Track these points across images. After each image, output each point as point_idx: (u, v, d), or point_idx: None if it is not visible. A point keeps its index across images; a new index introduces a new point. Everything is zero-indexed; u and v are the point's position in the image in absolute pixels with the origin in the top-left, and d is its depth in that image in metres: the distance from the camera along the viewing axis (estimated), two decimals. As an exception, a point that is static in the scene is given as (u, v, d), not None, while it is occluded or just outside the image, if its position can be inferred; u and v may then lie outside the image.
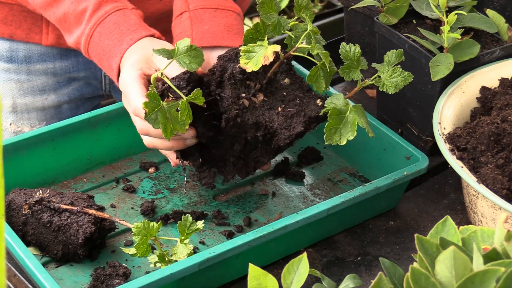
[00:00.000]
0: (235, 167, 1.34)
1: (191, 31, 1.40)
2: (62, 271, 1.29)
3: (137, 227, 1.23)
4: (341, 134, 1.25)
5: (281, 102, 1.29)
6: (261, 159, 1.34)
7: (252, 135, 1.29)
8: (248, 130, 1.28)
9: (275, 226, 1.24)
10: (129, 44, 1.36)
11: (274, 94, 1.30)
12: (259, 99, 1.28)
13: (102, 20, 1.40)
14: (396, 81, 1.29)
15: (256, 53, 1.24)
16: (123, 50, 1.36)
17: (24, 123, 1.69)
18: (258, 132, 1.28)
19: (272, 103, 1.29)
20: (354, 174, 1.49)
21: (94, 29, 1.40)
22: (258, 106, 1.28)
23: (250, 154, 1.34)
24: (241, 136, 1.30)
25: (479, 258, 0.80)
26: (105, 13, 1.40)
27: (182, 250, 1.24)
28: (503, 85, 1.41)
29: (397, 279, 0.90)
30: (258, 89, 1.29)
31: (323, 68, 1.29)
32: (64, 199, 1.30)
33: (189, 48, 1.24)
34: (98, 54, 1.41)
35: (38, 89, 1.67)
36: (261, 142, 1.31)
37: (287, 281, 0.87)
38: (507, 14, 1.54)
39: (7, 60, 1.64)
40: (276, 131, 1.27)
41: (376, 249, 1.34)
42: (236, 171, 1.35)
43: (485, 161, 1.25)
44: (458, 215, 1.40)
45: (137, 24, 1.39)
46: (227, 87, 1.27)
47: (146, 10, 1.57)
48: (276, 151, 1.34)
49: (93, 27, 1.40)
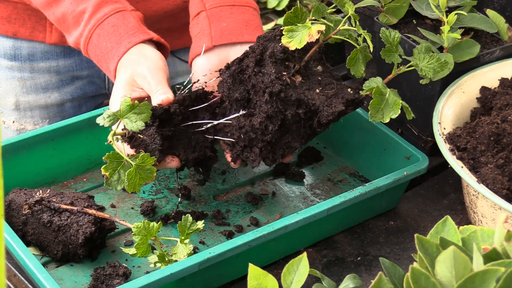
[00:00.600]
0: (261, 153, 1.32)
1: (210, 29, 1.40)
2: (62, 271, 1.29)
3: (137, 227, 1.23)
4: (383, 113, 1.29)
5: (318, 84, 1.30)
6: (292, 144, 1.32)
7: (293, 112, 1.27)
8: (289, 107, 1.28)
9: (275, 226, 1.24)
10: (126, 48, 1.37)
11: (310, 78, 1.31)
12: (298, 80, 1.29)
13: (101, 22, 1.40)
14: (433, 67, 1.31)
15: (300, 32, 1.26)
16: (121, 53, 1.37)
17: (27, 121, 1.69)
18: (300, 109, 1.28)
19: (310, 85, 1.30)
20: (354, 174, 1.49)
21: (93, 31, 1.41)
22: (298, 86, 1.29)
23: (282, 138, 1.31)
24: (279, 116, 1.28)
25: (479, 258, 0.80)
26: (104, 15, 1.40)
27: (182, 250, 1.24)
28: (503, 85, 1.41)
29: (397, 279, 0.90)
30: (297, 70, 1.29)
31: (362, 51, 1.31)
32: (64, 199, 1.30)
33: (132, 106, 1.24)
34: (97, 56, 1.41)
35: (41, 87, 1.67)
36: (300, 122, 1.29)
37: (287, 281, 0.87)
38: (507, 14, 1.54)
39: (10, 58, 1.65)
40: (318, 108, 1.27)
41: (376, 249, 1.34)
42: (262, 157, 1.33)
43: (485, 161, 1.25)
44: (458, 215, 1.40)
45: (136, 27, 1.40)
46: (269, 64, 1.28)
47: (150, 8, 1.57)
48: (309, 136, 1.32)
49: (91, 29, 1.41)
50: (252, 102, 1.30)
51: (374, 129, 1.46)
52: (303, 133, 1.31)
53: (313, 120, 1.29)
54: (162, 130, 1.29)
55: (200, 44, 1.40)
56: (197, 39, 1.42)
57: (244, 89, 1.30)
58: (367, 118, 1.46)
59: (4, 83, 1.67)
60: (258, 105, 1.29)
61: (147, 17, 1.58)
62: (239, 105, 1.31)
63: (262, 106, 1.28)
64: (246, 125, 1.30)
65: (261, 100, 1.28)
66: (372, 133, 1.46)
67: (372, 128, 1.46)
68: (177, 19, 1.66)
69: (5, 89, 1.67)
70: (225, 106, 1.33)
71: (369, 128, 1.47)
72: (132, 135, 1.27)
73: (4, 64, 1.66)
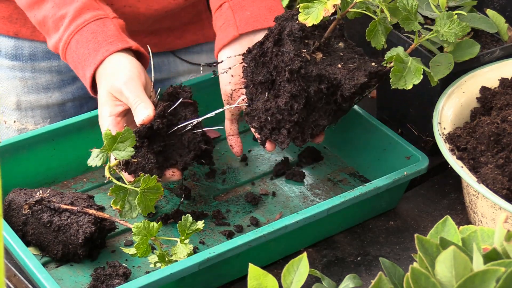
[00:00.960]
0: (289, 135, 1.32)
1: (234, 19, 1.40)
2: (62, 271, 1.29)
3: (137, 227, 1.23)
4: (406, 80, 1.28)
5: (340, 60, 1.30)
6: (320, 122, 1.31)
7: (315, 88, 1.27)
8: (311, 83, 1.27)
9: (275, 226, 1.24)
10: (104, 56, 1.37)
11: (331, 54, 1.31)
12: (318, 56, 1.29)
13: (80, 29, 1.40)
14: (454, 31, 1.31)
15: (316, 8, 1.27)
16: (98, 60, 1.37)
17: (28, 120, 1.69)
18: (322, 84, 1.28)
19: (331, 61, 1.30)
20: (354, 174, 1.49)
21: (71, 37, 1.40)
22: (319, 62, 1.29)
23: (309, 117, 1.31)
24: (303, 94, 1.28)
25: (479, 258, 0.80)
26: (84, 22, 1.40)
27: (182, 250, 1.24)
28: (503, 85, 1.41)
29: (397, 279, 0.90)
30: (317, 47, 1.30)
31: (381, 22, 1.31)
32: (64, 199, 1.30)
33: (115, 137, 1.25)
34: (74, 62, 1.41)
35: (43, 87, 1.67)
36: (324, 97, 1.29)
37: (287, 281, 0.87)
38: (507, 14, 1.54)
39: (12, 58, 1.65)
40: (340, 82, 1.27)
41: (376, 249, 1.34)
42: (291, 138, 1.33)
43: (485, 161, 1.25)
44: (458, 215, 1.40)
45: (115, 35, 1.40)
46: (287, 43, 1.28)
47: (151, 7, 1.57)
48: (336, 112, 1.32)
49: (71, 34, 1.40)
50: (276, 83, 1.30)
51: (374, 129, 1.46)
52: (329, 110, 1.31)
53: (337, 95, 1.29)
54: (153, 147, 1.31)
55: (225, 35, 1.40)
56: (222, 30, 1.41)
57: (267, 71, 1.31)
58: (367, 118, 1.47)
59: (5, 82, 1.67)
60: (282, 85, 1.29)
61: (148, 17, 1.58)
62: (263, 87, 1.31)
63: (286, 86, 1.28)
64: (272, 107, 1.30)
65: (284, 80, 1.28)
66: (372, 133, 1.46)
67: (372, 128, 1.46)
68: (178, 19, 1.66)
69: (7, 89, 1.67)
70: (251, 90, 1.33)
71: (369, 128, 1.47)
72: (126, 162, 1.29)
73: (5, 64, 1.66)
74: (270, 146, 1.35)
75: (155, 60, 1.72)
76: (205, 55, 1.75)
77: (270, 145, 1.34)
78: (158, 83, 1.75)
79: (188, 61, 1.74)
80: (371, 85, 1.29)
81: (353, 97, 1.29)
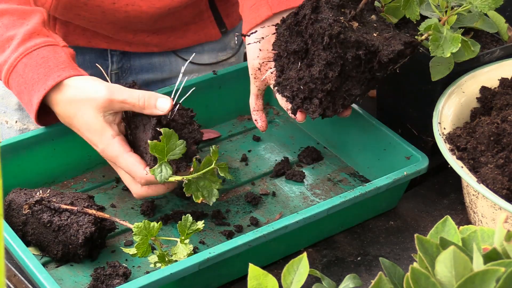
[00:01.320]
0: (321, 104, 1.31)
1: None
2: (62, 271, 1.29)
3: (137, 227, 1.23)
4: (443, 48, 1.29)
5: (375, 30, 1.31)
6: (353, 91, 1.31)
7: (353, 54, 1.27)
8: (349, 49, 1.27)
9: (275, 226, 1.24)
10: (55, 81, 1.32)
11: (365, 25, 1.31)
12: (355, 25, 1.29)
13: (30, 52, 1.35)
14: (488, 3, 1.32)
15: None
16: (48, 86, 1.32)
17: (30, 120, 1.69)
18: (360, 50, 1.27)
19: (367, 30, 1.30)
20: (354, 174, 1.49)
21: (19, 59, 1.35)
22: (356, 30, 1.29)
23: (341, 86, 1.31)
24: (338, 61, 1.28)
25: (479, 258, 0.80)
26: (34, 45, 1.35)
27: (182, 250, 1.24)
28: (503, 85, 1.41)
29: (397, 279, 0.90)
30: (353, 16, 1.30)
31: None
32: (64, 199, 1.30)
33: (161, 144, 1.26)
34: (19, 86, 1.36)
35: None
36: (360, 66, 1.29)
37: (287, 281, 0.87)
38: (507, 14, 1.54)
39: None
40: (378, 48, 1.27)
41: (376, 249, 1.34)
42: (323, 108, 1.32)
43: (485, 161, 1.25)
44: (458, 215, 1.40)
45: (67, 62, 1.35)
46: (325, 10, 1.28)
47: (153, 5, 1.57)
48: (369, 82, 1.32)
49: (18, 57, 1.35)
50: (310, 52, 1.30)
51: (374, 129, 1.46)
52: (363, 78, 1.31)
53: (373, 62, 1.29)
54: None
55: (258, 14, 1.38)
56: (253, 10, 1.39)
57: (301, 40, 1.30)
58: (367, 118, 1.47)
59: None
60: (316, 54, 1.29)
61: (150, 15, 1.58)
62: (296, 57, 1.31)
63: (321, 54, 1.28)
64: (306, 76, 1.30)
65: (319, 49, 1.28)
66: (372, 133, 1.46)
67: (372, 128, 1.46)
68: (180, 18, 1.66)
69: (8, 89, 1.67)
70: (282, 61, 1.33)
71: (369, 128, 1.47)
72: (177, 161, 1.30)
73: None
74: (301, 117, 1.34)
75: (157, 60, 1.72)
76: (207, 55, 1.75)
77: (301, 116, 1.34)
78: (160, 82, 1.75)
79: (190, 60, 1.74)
80: (406, 54, 1.29)
81: (388, 65, 1.29)
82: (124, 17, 1.57)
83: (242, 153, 1.52)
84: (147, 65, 1.72)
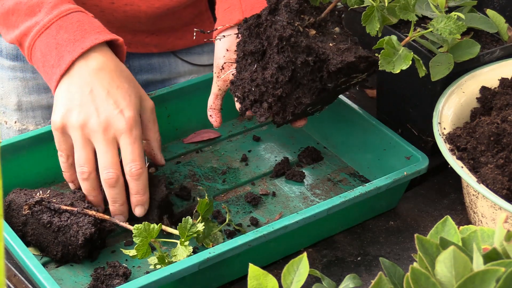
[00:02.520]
0: (270, 109, 1.30)
1: (240, 3, 1.39)
2: (62, 271, 1.29)
3: (137, 229, 1.23)
4: (394, 64, 1.27)
5: (332, 40, 1.30)
6: (303, 100, 1.29)
7: (302, 60, 1.26)
8: (299, 54, 1.26)
9: (275, 226, 1.24)
10: (93, 42, 1.32)
11: (325, 35, 1.31)
12: (311, 32, 1.28)
13: (65, 15, 1.35)
14: (450, 28, 1.31)
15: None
16: (86, 46, 1.31)
17: (29, 121, 1.69)
18: (310, 56, 1.26)
19: (323, 39, 1.30)
20: (354, 174, 1.49)
21: (53, 21, 1.34)
22: (310, 37, 1.28)
23: (292, 93, 1.30)
24: (290, 66, 1.27)
25: (479, 258, 0.80)
26: (68, 9, 1.36)
27: (182, 252, 1.23)
28: (503, 85, 1.41)
29: (397, 279, 0.90)
30: (311, 24, 1.29)
31: (378, 10, 1.31)
32: (64, 200, 1.30)
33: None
34: (48, 46, 1.34)
35: (44, 87, 1.67)
36: (309, 72, 1.28)
37: (287, 281, 0.87)
38: (507, 14, 1.54)
39: (13, 58, 1.65)
40: (328, 56, 1.26)
41: (376, 249, 1.34)
42: (272, 114, 1.31)
43: (485, 161, 1.25)
44: (458, 215, 1.40)
45: (102, 27, 1.36)
46: (282, 13, 1.28)
47: (152, 5, 1.57)
48: (320, 92, 1.30)
49: (53, 19, 1.34)
50: (267, 55, 1.29)
51: (374, 129, 1.46)
52: (313, 88, 1.29)
53: (323, 71, 1.28)
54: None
55: (230, 18, 1.39)
56: (226, 13, 1.40)
57: (259, 41, 1.30)
58: (367, 118, 1.47)
59: (6, 83, 1.67)
60: (271, 58, 1.28)
61: (149, 15, 1.58)
62: (253, 59, 1.31)
63: (275, 57, 1.27)
64: (258, 78, 1.29)
65: (274, 52, 1.28)
66: (372, 133, 1.46)
67: (372, 128, 1.46)
68: (179, 18, 1.66)
69: (7, 89, 1.67)
70: (241, 61, 1.33)
71: (369, 128, 1.47)
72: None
73: (6, 65, 1.66)
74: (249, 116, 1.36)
75: (156, 61, 1.72)
76: (206, 56, 1.75)
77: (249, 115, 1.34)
78: (159, 83, 1.75)
79: (189, 61, 1.74)
80: (360, 69, 1.28)
81: (338, 77, 1.27)
82: (123, 17, 1.57)
83: (242, 153, 1.52)
84: (146, 65, 1.72)
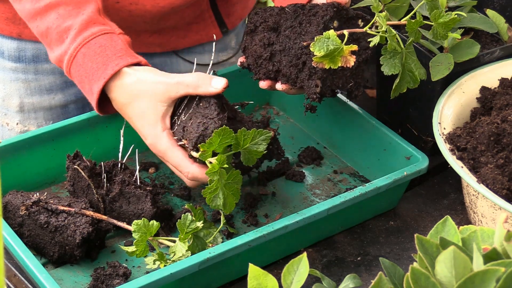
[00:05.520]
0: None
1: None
2: (62, 271, 1.29)
3: (137, 224, 1.23)
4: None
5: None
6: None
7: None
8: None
9: (275, 226, 1.24)
10: (114, 70, 1.34)
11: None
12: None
13: (88, 42, 1.36)
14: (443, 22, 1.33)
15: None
16: (108, 75, 1.34)
17: (31, 122, 1.69)
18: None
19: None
20: (354, 174, 1.49)
21: (78, 50, 1.37)
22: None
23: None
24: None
25: (479, 258, 0.80)
26: (91, 35, 1.37)
27: (181, 248, 1.23)
28: (503, 85, 1.41)
29: (397, 279, 0.90)
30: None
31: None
32: (61, 201, 1.30)
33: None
34: (80, 76, 1.38)
35: (46, 89, 1.67)
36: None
37: (287, 281, 0.87)
38: (507, 14, 1.54)
39: (15, 60, 1.65)
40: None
41: (376, 249, 1.34)
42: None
43: (485, 161, 1.25)
44: (458, 215, 1.40)
45: (124, 49, 1.37)
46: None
47: (157, 4, 1.56)
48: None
49: (77, 47, 1.37)
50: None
51: (374, 129, 1.46)
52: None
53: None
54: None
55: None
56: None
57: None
58: (367, 118, 1.47)
59: (8, 85, 1.67)
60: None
61: (154, 14, 1.58)
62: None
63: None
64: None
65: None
66: (372, 133, 1.46)
67: (372, 128, 1.46)
68: (183, 18, 1.66)
69: (9, 91, 1.67)
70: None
71: (369, 128, 1.47)
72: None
73: (8, 66, 1.65)
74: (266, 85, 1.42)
75: (158, 60, 1.72)
76: (207, 55, 1.75)
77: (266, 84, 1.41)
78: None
79: (190, 61, 1.74)
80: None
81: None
82: (128, 16, 1.57)
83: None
84: (148, 65, 1.72)
